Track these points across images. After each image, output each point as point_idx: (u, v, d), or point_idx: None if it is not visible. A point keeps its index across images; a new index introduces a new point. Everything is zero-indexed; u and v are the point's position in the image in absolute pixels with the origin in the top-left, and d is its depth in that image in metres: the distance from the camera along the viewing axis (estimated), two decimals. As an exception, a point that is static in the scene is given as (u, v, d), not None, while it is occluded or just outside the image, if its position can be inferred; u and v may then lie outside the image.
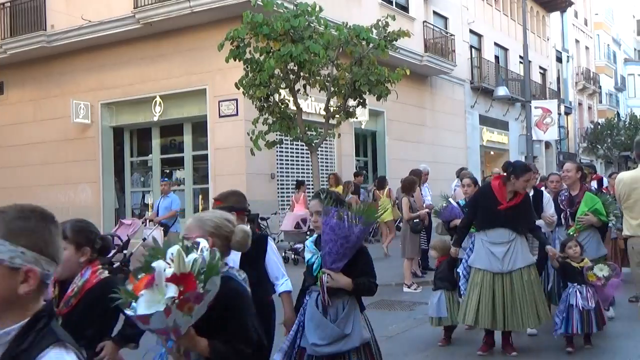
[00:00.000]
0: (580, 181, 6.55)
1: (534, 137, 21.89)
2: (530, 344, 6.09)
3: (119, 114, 17.47)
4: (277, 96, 11.12)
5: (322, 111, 12.29)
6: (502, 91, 20.50)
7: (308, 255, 3.57)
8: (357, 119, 14.23)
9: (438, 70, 22.02)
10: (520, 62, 27.74)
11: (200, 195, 16.31)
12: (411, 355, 5.94)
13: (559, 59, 37.27)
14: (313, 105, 15.39)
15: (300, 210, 12.89)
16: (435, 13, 23.30)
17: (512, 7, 30.46)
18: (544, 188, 7.32)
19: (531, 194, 6.15)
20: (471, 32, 26.45)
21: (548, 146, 33.03)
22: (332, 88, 11.17)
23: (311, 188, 13.81)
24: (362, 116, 16.51)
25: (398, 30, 11.22)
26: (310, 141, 11.43)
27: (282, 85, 11.00)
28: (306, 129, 11.56)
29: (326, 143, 15.58)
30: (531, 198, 5.93)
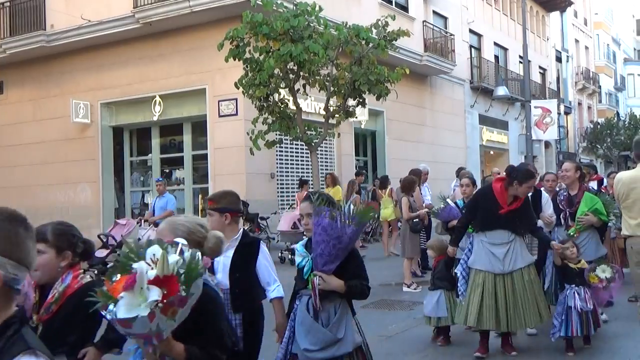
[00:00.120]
0: (579, 181, 6.52)
1: (534, 137, 21.91)
2: (530, 343, 6.09)
3: (119, 114, 17.47)
4: (276, 96, 11.12)
5: (321, 111, 12.29)
6: (501, 91, 20.51)
7: (298, 259, 3.48)
8: (356, 118, 14.24)
9: (438, 69, 22.03)
10: (520, 61, 27.75)
11: (200, 194, 16.31)
12: (410, 355, 5.94)
13: (558, 59, 37.28)
14: (313, 104, 15.39)
15: None
16: (434, 13, 23.31)
17: (512, 7, 30.47)
18: (542, 188, 7.30)
19: (529, 193, 6.12)
20: (471, 31, 26.46)
21: (548, 146, 33.04)
22: (332, 88, 11.16)
23: (311, 188, 13.78)
24: (362, 116, 16.52)
25: (398, 29, 11.22)
26: (310, 141, 11.43)
27: (282, 85, 11.00)
28: (306, 128, 11.56)
29: (326, 143, 15.58)
30: (530, 198, 5.91)
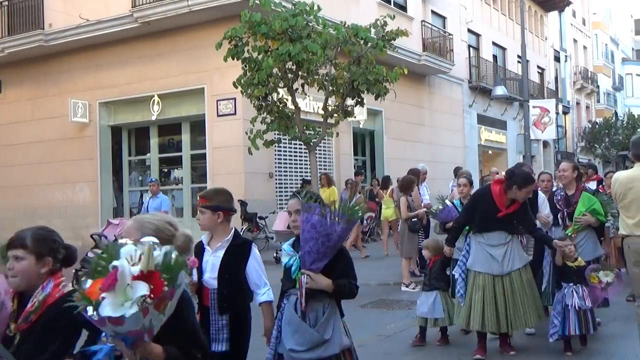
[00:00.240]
0: (576, 181, 6.51)
1: (532, 137, 21.94)
2: (528, 343, 6.09)
3: (117, 113, 17.46)
4: (275, 95, 11.11)
5: (320, 110, 12.29)
6: (500, 90, 20.52)
7: (285, 258, 3.39)
8: (355, 118, 14.25)
9: (436, 69, 22.04)
10: (518, 61, 27.77)
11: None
12: (409, 355, 5.94)
13: (557, 59, 37.31)
14: (311, 104, 15.39)
15: None
16: (433, 12, 23.32)
17: (510, 7, 30.49)
18: (538, 188, 7.27)
19: None
20: (469, 31, 26.47)
21: (546, 145, 33.07)
22: (331, 87, 11.16)
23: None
24: (361, 115, 16.53)
25: (396, 29, 11.22)
26: (309, 140, 11.42)
27: (281, 85, 11.00)
28: (304, 128, 11.56)
29: (324, 142, 15.59)
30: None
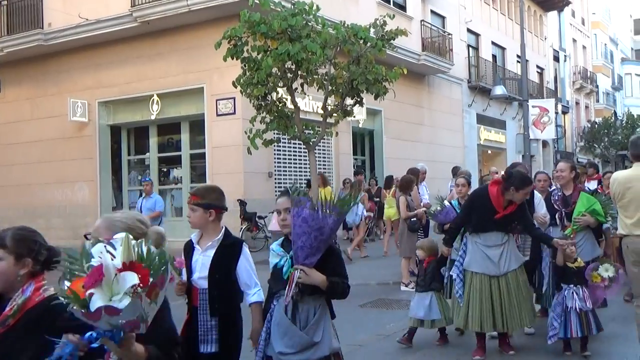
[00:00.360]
0: (574, 181, 6.50)
1: (531, 136, 21.95)
2: (527, 343, 6.09)
3: (116, 113, 17.45)
4: (274, 95, 11.11)
5: (319, 110, 12.29)
6: (499, 90, 20.54)
7: (275, 259, 3.30)
8: (354, 117, 14.25)
9: (435, 69, 22.05)
10: (518, 61, 27.79)
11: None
12: (409, 354, 5.95)
13: (556, 58, 37.33)
14: (310, 104, 15.39)
15: None
16: (432, 12, 23.33)
17: (510, 6, 30.50)
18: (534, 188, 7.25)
19: None
20: (469, 31, 26.48)
21: (545, 145, 33.10)
22: (330, 87, 11.16)
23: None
24: (360, 115, 16.53)
25: (396, 29, 11.22)
26: (308, 140, 11.42)
27: (280, 84, 11.00)
28: (304, 127, 11.56)
29: (324, 142, 15.59)
30: None
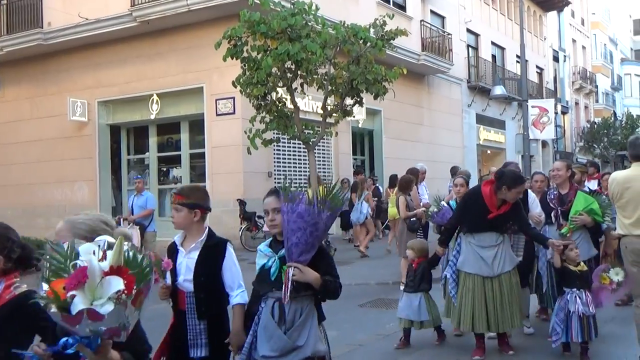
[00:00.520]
0: (570, 180, 6.50)
1: (531, 136, 21.94)
2: (527, 343, 6.09)
3: (116, 112, 17.45)
4: (274, 95, 11.11)
5: (319, 110, 12.29)
6: (499, 90, 20.53)
7: (263, 260, 3.22)
8: (354, 117, 14.25)
9: (435, 69, 22.05)
10: (517, 61, 27.79)
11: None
12: (408, 354, 5.95)
13: (555, 59, 37.34)
14: (310, 103, 15.39)
15: None
16: (432, 12, 23.34)
17: (509, 7, 30.51)
18: (530, 188, 7.23)
19: None
20: (468, 31, 26.49)
21: (545, 145, 33.11)
22: (330, 87, 11.16)
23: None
24: (360, 115, 16.53)
25: (395, 29, 11.22)
26: (308, 140, 11.42)
27: (280, 84, 11.00)
28: (303, 127, 11.56)
29: (323, 142, 15.59)
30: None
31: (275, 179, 15.92)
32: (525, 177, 8.34)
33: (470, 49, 26.89)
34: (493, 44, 28.91)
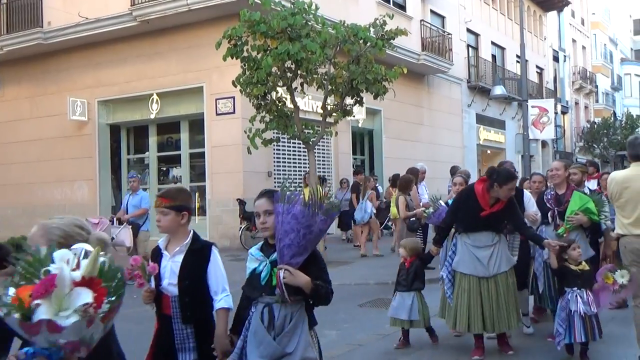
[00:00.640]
0: (567, 180, 6.48)
1: (531, 136, 21.95)
2: (527, 343, 6.09)
3: (116, 112, 17.46)
4: (274, 94, 11.12)
5: (319, 109, 12.29)
6: (499, 90, 20.53)
7: (253, 264, 3.15)
8: (354, 117, 14.26)
9: (435, 69, 22.06)
10: (517, 61, 27.80)
11: (197, 193, 16.31)
12: (407, 354, 5.95)
13: (555, 59, 37.35)
14: (310, 103, 15.40)
15: None
16: (432, 12, 23.34)
17: (509, 7, 30.51)
18: (529, 188, 7.21)
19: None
20: (468, 31, 26.49)
21: (544, 145, 33.12)
22: (330, 86, 11.17)
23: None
24: (359, 114, 16.54)
25: (395, 28, 11.22)
26: (308, 139, 11.43)
27: (280, 84, 11.00)
28: (303, 127, 11.56)
29: (323, 141, 15.60)
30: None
31: (275, 178, 15.92)
32: (525, 177, 8.33)
33: (470, 48, 26.90)
34: (493, 43, 28.92)
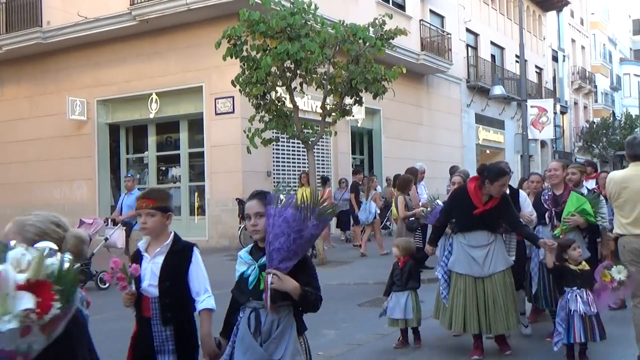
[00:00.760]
0: (564, 180, 6.46)
1: (530, 136, 21.95)
2: (526, 344, 6.08)
3: (115, 111, 17.45)
4: (273, 94, 11.12)
5: (318, 109, 12.29)
6: (498, 90, 20.53)
7: (242, 267, 3.08)
8: (353, 117, 14.26)
9: (434, 68, 22.07)
10: (517, 61, 27.80)
11: (196, 192, 16.31)
12: (407, 354, 5.95)
13: (555, 58, 37.36)
14: (309, 103, 15.40)
15: None
16: (431, 12, 23.36)
17: (509, 6, 30.52)
18: (527, 189, 7.19)
19: (508, 192, 5.91)
20: (467, 30, 26.50)
21: (544, 145, 33.14)
22: (329, 86, 11.17)
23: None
24: (359, 114, 16.53)
25: (395, 28, 11.22)
26: (307, 139, 11.43)
27: (279, 83, 11.00)
28: (302, 126, 11.56)
29: (322, 141, 15.60)
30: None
31: (274, 178, 15.93)
32: (525, 177, 8.32)
33: (469, 48, 26.90)
34: (492, 43, 28.93)
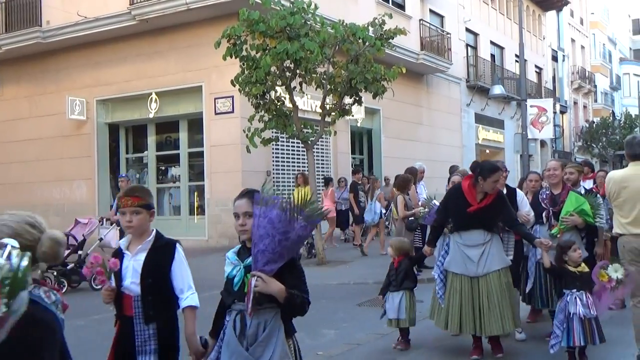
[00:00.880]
0: (563, 180, 6.45)
1: (530, 136, 21.97)
2: (523, 347, 6.05)
3: (115, 111, 17.45)
4: (273, 93, 11.13)
5: (318, 109, 12.30)
6: (497, 90, 20.54)
7: (228, 268, 3.02)
8: (353, 116, 14.26)
9: (434, 68, 22.06)
10: (516, 60, 27.80)
11: (196, 192, 16.31)
12: (406, 354, 5.95)
13: (554, 58, 37.36)
14: (309, 102, 15.40)
15: (328, 205, 13.15)
16: (431, 11, 23.35)
17: (508, 6, 30.52)
18: (526, 189, 7.19)
19: (504, 191, 5.91)
20: (467, 30, 26.50)
21: (543, 145, 33.14)
22: (328, 86, 11.18)
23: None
24: (358, 114, 16.52)
25: (394, 28, 11.23)
26: (306, 139, 11.43)
27: (278, 83, 11.01)
28: (302, 126, 11.57)
29: (322, 141, 15.60)
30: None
31: (274, 177, 15.93)
32: (524, 177, 8.31)
33: (469, 48, 26.90)
34: (492, 43, 28.93)
